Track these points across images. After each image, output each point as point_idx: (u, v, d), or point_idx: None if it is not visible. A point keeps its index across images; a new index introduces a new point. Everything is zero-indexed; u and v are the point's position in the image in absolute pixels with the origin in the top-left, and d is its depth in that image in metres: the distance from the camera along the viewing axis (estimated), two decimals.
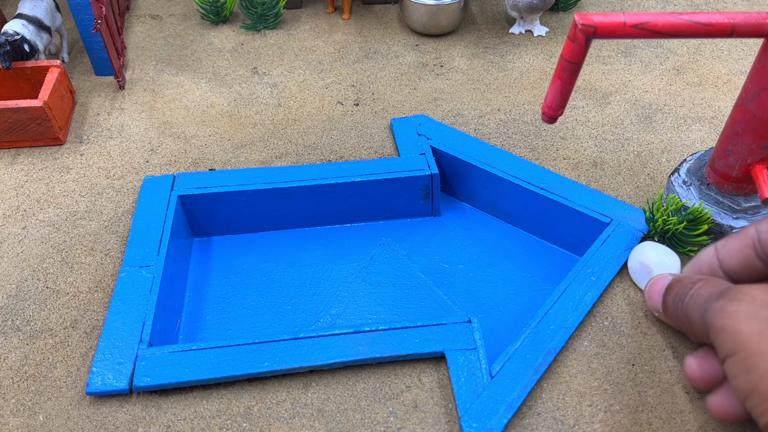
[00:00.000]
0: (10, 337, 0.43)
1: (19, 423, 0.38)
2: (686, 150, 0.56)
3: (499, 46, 0.70)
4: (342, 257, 0.52)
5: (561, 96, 0.42)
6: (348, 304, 0.48)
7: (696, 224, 0.44)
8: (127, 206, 0.52)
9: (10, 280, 0.46)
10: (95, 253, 0.48)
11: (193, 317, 0.47)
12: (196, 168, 0.55)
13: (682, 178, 0.48)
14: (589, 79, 0.65)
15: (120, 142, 0.58)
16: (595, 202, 0.49)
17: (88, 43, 0.63)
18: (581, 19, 0.38)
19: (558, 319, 0.42)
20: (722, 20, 0.36)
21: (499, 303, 0.48)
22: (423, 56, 0.69)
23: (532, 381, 0.39)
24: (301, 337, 0.40)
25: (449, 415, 0.38)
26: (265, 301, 0.49)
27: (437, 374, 0.40)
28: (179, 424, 0.38)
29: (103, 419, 0.38)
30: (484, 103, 0.62)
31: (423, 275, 0.50)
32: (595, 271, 0.45)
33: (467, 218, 0.55)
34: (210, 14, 0.73)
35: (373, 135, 0.58)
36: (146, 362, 0.39)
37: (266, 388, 0.40)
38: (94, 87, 0.64)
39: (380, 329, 0.41)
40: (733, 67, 0.66)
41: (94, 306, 0.45)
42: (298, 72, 0.67)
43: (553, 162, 0.55)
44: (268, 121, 0.60)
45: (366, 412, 0.39)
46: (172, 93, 0.64)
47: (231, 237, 0.53)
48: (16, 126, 0.55)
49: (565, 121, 0.59)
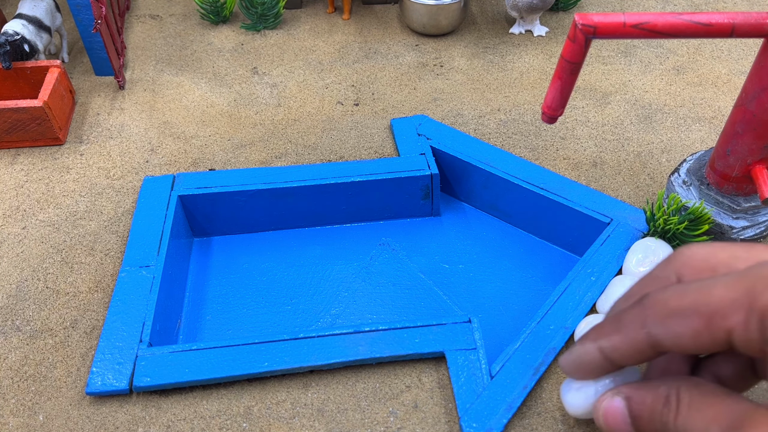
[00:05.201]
0: (10, 337, 0.43)
1: (19, 423, 0.38)
2: (686, 150, 0.56)
3: (499, 46, 0.70)
4: (342, 257, 0.52)
5: (561, 96, 0.42)
6: (348, 304, 0.48)
7: (697, 224, 0.44)
8: (127, 206, 0.52)
9: (10, 280, 0.46)
10: (95, 253, 0.48)
11: (193, 317, 0.47)
12: (196, 168, 0.55)
13: (682, 178, 0.48)
14: (589, 79, 0.65)
15: (120, 142, 0.58)
16: (595, 202, 0.49)
17: (88, 43, 0.63)
18: (581, 19, 0.38)
19: (558, 319, 0.42)
20: (722, 20, 0.36)
21: (499, 303, 0.48)
22: (423, 56, 0.69)
23: (532, 381, 0.39)
24: (301, 337, 0.40)
25: (449, 415, 0.38)
26: (265, 301, 0.49)
27: (437, 374, 0.40)
28: (179, 424, 0.38)
29: (103, 419, 0.38)
30: (484, 103, 0.62)
31: (423, 275, 0.50)
32: (595, 271, 0.45)
33: (467, 218, 0.55)
34: (210, 14, 0.73)
35: (373, 135, 0.58)
36: (146, 362, 0.39)
37: (266, 388, 0.40)
38: (94, 87, 0.64)
39: (380, 329, 0.41)
40: (733, 67, 0.66)
41: (94, 306, 0.45)
42: (298, 72, 0.67)
43: (553, 162, 0.55)
44: (268, 121, 0.60)
45: (366, 412, 0.39)
46: (172, 93, 0.64)
47: (231, 237, 0.53)
48: (16, 126, 0.55)
49: (565, 121, 0.59)
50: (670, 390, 0.31)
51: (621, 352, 0.32)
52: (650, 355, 0.31)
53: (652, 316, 0.30)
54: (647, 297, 0.31)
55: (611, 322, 0.33)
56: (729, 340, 0.28)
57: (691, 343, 0.29)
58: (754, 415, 0.27)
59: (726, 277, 0.29)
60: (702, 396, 0.29)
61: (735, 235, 0.45)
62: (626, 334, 0.31)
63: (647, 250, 0.44)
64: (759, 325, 0.27)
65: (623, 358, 0.32)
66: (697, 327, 0.29)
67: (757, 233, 0.45)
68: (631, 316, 0.32)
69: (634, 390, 0.32)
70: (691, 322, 0.29)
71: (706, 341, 0.29)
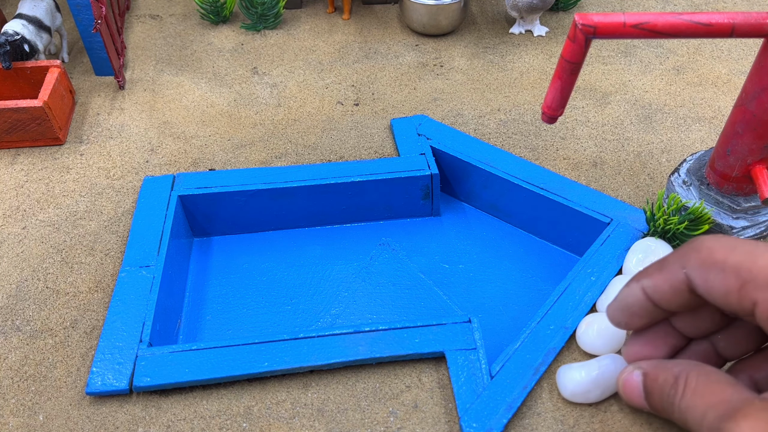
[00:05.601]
0: (10, 337, 0.43)
1: (19, 423, 0.38)
2: (686, 150, 0.56)
3: (499, 46, 0.70)
4: (342, 257, 0.52)
5: (561, 96, 0.42)
6: (348, 304, 0.48)
7: (697, 224, 0.44)
8: (127, 206, 0.52)
9: (10, 280, 0.46)
10: (95, 253, 0.48)
11: (193, 317, 0.47)
12: (196, 168, 0.55)
13: (682, 178, 0.48)
14: (589, 79, 0.65)
15: (120, 142, 0.58)
16: (595, 202, 0.49)
17: (88, 43, 0.63)
18: (581, 19, 0.38)
19: (558, 319, 0.42)
20: (722, 20, 0.36)
21: (499, 303, 0.48)
22: (423, 56, 0.69)
23: (532, 381, 0.39)
24: (301, 337, 0.40)
25: (449, 415, 0.38)
26: (265, 301, 0.49)
27: (437, 374, 0.40)
28: (179, 424, 0.38)
29: (103, 419, 0.38)
30: (484, 103, 0.62)
31: (423, 275, 0.50)
32: (595, 271, 0.45)
33: (467, 218, 0.55)
34: (210, 14, 0.73)
35: (373, 135, 0.58)
36: (146, 362, 0.39)
37: (266, 388, 0.40)
38: (94, 87, 0.64)
39: (380, 329, 0.41)
40: (733, 67, 0.66)
41: (94, 306, 0.45)
42: (298, 72, 0.67)
43: (553, 162, 0.55)
44: (268, 121, 0.60)
45: (366, 412, 0.39)
46: (172, 93, 0.64)
47: (231, 237, 0.53)
48: (16, 126, 0.55)
49: (565, 121, 0.59)
50: (680, 372, 0.32)
51: (662, 291, 0.33)
52: (689, 300, 0.32)
53: (695, 259, 0.31)
54: (696, 240, 0.32)
55: (656, 263, 0.34)
56: (753, 311, 0.29)
57: (720, 298, 0.30)
58: (748, 406, 0.28)
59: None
60: (708, 383, 0.31)
61: (735, 235, 0.45)
62: (667, 272, 0.33)
63: (647, 250, 0.44)
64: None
65: (664, 298, 0.33)
66: (731, 287, 0.30)
67: (757, 233, 0.45)
68: (674, 257, 0.33)
69: (652, 367, 0.34)
70: (728, 279, 0.30)
71: (734, 303, 0.30)
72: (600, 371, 0.38)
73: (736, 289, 0.29)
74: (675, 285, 0.32)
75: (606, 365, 0.38)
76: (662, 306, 0.33)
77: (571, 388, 0.38)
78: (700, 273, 0.31)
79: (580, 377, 0.38)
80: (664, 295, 0.33)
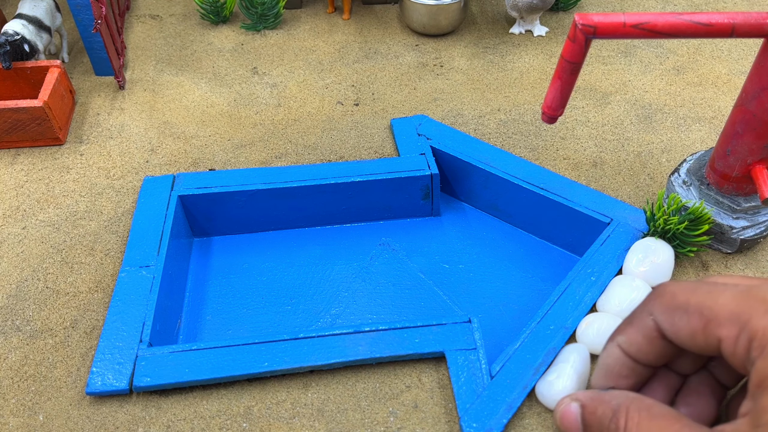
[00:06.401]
0: (10, 337, 0.43)
1: (19, 423, 0.38)
2: (686, 150, 0.56)
3: (499, 46, 0.70)
4: (342, 257, 0.52)
5: (561, 96, 0.42)
6: (348, 304, 0.48)
7: (697, 224, 0.44)
8: (127, 206, 0.52)
9: (10, 280, 0.46)
10: (95, 253, 0.48)
11: (193, 317, 0.47)
12: (196, 168, 0.55)
13: (682, 178, 0.48)
14: (589, 79, 0.65)
15: (120, 142, 0.58)
16: (595, 202, 0.49)
17: (88, 43, 0.63)
18: (581, 19, 0.38)
19: (558, 319, 0.42)
20: (722, 20, 0.36)
21: (499, 303, 0.48)
22: (423, 56, 0.69)
23: (532, 381, 0.39)
24: (301, 337, 0.40)
25: (449, 415, 0.38)
26: (265, 301, 0.49)
27: (437, 374, 0.40)
28: (179, 424, 0.38)
29: (103, 419, 0.38)
30: (484, 103, 0.62)
31: (423, 275, 0.50)
32: (595, 271, 0.45)
33: (467, 218, 0.55)
34: (210, 14, 0.73)
35: (373, 135, 0.58)
36: (146, 362, 0.39)
37: (266, 388, 0.40)
38: (94, 87, 0.64)
39: (380, 329, 0.41)
40: (733, 67, 0.66)
41: (94, 306, 0.45)
42: (298, 72, 0.67)
43: (553, 162, 0.55)
44: (268, 121, 0.60)
45: (366, 412, 0.39)
46: (172, 93, 0.64)
47: (231, 237, 0.53)
48: (16, 126, 0.55)
49: (565, 121, 0.59)
50: (619, 406, 0.31)
51: (637, 344, 0.33)
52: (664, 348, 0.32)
53: (659, 304, 0.32)
54: (658, 286, 0.33)
55: (625, 319, 0.34)
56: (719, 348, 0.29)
57: (688, 340, 0.31)
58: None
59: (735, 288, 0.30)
60: (651, 417, 0.30)
61: (735, 235, 0.45)
62: (637, 323, 0.33)
63: (647, 250, 0.44)
64: (746, 344, 0.28)
65: (640, 350, 0.33)
66: (696, 327, 0.30)
67: (757, 233, 0.45)
68: (640, 308, 0.33)
69: (589, 399, 0.33)
70: (692, 320, 0.30)
71: (701, 343, 0.30)
72: (574, 369, 0.38)
73: (701, 329, 0.30)
74: (647, 333, 0.32)
75: (578, 361, 0.38)
76: (641, 360, 0.33)
77: (557, 397, 0.37)
78: (666, 317, 0.31)
79: (561, 386, 0.37)
80: (640, 347, 0.33)
